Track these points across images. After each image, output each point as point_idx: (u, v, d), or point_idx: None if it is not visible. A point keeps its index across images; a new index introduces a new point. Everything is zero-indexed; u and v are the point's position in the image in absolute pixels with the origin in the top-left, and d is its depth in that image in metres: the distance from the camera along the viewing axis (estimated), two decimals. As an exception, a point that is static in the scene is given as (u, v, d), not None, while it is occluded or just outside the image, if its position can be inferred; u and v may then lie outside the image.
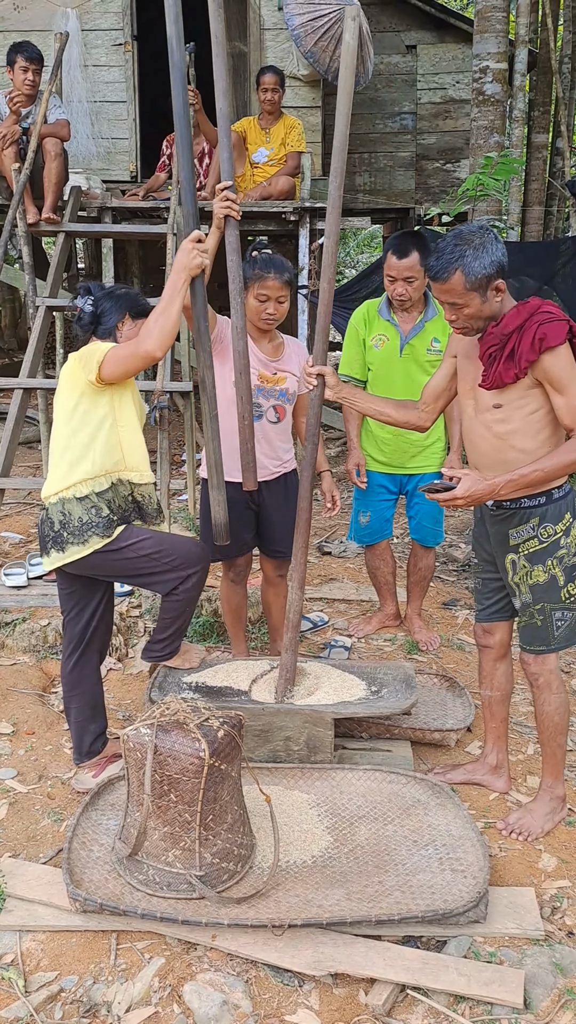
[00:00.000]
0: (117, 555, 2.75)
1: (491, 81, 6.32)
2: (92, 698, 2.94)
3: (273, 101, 6.27)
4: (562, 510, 2.62)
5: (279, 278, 3.18)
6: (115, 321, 2.82)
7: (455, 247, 2.43)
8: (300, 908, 2.35)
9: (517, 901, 2.43)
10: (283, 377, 3.37)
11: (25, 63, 5.46)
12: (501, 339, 2.48)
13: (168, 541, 2.83)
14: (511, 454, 2.57)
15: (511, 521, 2.67)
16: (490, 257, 2.41)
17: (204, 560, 2.90)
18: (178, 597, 2.88)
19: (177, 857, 2.39)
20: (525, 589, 2.68)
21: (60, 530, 2.74)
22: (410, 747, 3.13)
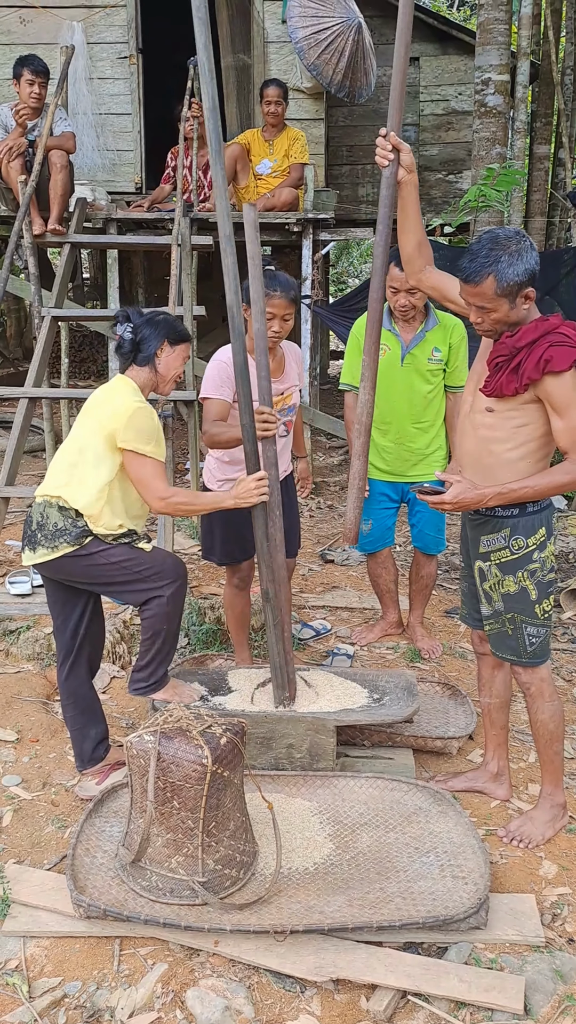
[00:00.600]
0: (87, 560, 2.74)
1: (493, 93, 6.37)
2: (87, 706, 2.96)
3: (276, 114, 6.32)
4: (535, 524, 2.63)
5: (285, 296, 3.21)
6: (154, 348, 2.86)
7: (490, 251, 2.39)
8: (302, 914, 2.36)
9: (518, 908, 2.45)
10: (290, 394, 3.42)
11: (31, 76, 5.52)
12: (511, 351, 2.48)
13: (141, 551, 2.79)
14: (489, 459, 2.59)
15: (484, 528, 2.69)
16: (524, 265, 2.39)
17: (179, 575, 2.80)
18: (151, 613, 2.78)
19: (180, 863, 2.40)
20: (497, 597, 2.70)
21: (36, 530, 2.77)
22: (412, 755, 3.14)
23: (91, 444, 2.77)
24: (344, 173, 9.14)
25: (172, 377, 2.92)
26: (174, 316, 3.00)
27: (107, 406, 2.79)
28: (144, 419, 2.76)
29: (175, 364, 2.90)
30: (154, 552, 2.81)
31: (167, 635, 2.84)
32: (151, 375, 2.88)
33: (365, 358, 2.88)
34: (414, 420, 3.81)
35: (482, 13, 6.40)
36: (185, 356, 2.93)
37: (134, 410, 2.74)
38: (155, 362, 2.87)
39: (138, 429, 2.73)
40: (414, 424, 3.81)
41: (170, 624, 2.83)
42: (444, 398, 3.84)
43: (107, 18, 7.15)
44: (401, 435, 3.80)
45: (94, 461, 2.77)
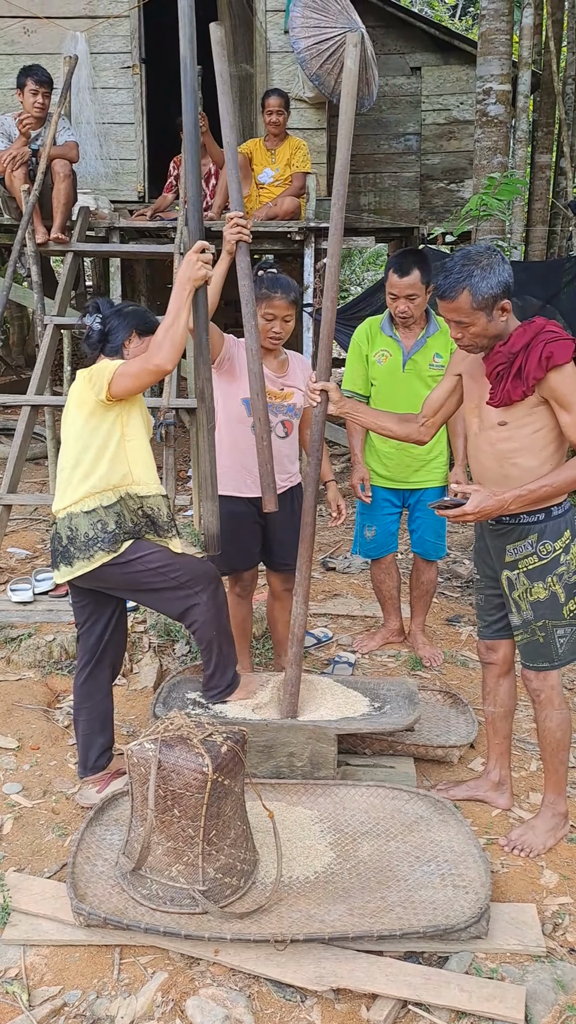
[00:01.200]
0: (125, 567, 2.76)
1: (495, 102, 6.39)
2: (101, 712, 2.96)
3: (278, 123, 6.35)
4: (561, 527, 2.64)
5: (285, 297, 3.23)
6: (122, 339, 2.85)
7: (463, 267, 2.47)
8: (302, 923, 2.36)
9: (519, 917, 2.44)
10: (290, 392, 3.42)
11: (35, 86, 5.55)
12: (508, 357, 2.52)
13: (177, 557, 2.82)
14: (514, 471, 2.61)
15: (509, 536, 2.69)
16: (497, 277, 2.46)
17: (213, 579, 2.86)
18: (197, 624, 2.83)
19: (180, 872, 2.40)
20: (526, 606, 2.70)
21: (68, 545, 2.76)
22: (413, 763, 3.14)
23: (82, 431, 2.77)
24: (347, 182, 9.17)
25: None
26: (144, 307, 2.98)
27: (72, 394, 2.81)
28: (96, 366, 2.76)
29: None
30: (187, 559, 2.84)
31: (220, 639, 2.90)
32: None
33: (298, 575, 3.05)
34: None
35: (483, 23, 6.43)
36: None
37: (86, 374, 2.75)
38: (123, 352, 2.85)
39: (98, 372, 2.71)
40: None
41: (219, 628, 2.88)
42: None
43: (110, 29, 7.19)
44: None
45: (95, 437, 2.75)
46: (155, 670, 3.76)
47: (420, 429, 2.94)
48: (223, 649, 2.92)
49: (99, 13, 7.18)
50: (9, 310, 11.00)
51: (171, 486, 4.37)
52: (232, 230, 2.93)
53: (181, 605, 2.82)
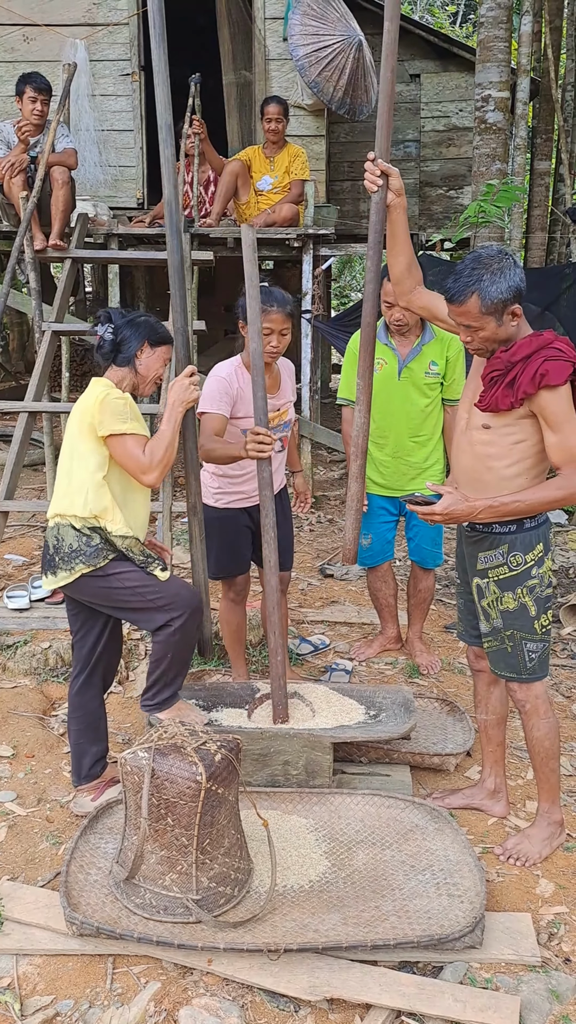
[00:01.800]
0: (103, 582, 2.74)
1: (493, 109, 6.40)
2: (93, 722, 2.95)
3: (277, 131, 6.36)
4: (533, 540, 2.63)
5: (282, 311, 3.23)
6: (135, 349, 2.86)
7: (473, 271, 2.44)
8: (296, 933, 2.35)
9: (514, 927, 2.43)
10: (285, 410, 3.44)
11: (34, 93, 5.56)
12: (506, 365, 2.50)
13: (156, 579, 2.77)
14: (487, 476, 2.59)
15: (481, 544, 2.69)
16: (507, 282, 2.43)
17: (191, 605, 2.77)
18: (160, 639, 2.77)
19: (174, 881, 2.39)
20: (495, 614, 2.69)
21: (53, 554, 2.78)
22: (409, 772, 3.13)
23: (78, 447, 2.78)
24: (346, 189, 9.19)
25: (152, 378, 2.90)
26: (156, 318, 3.00)
27: (81, 406, 2.80)
28: (114, 401, 2.75)
29: (155, 365, 2.89)
30: (169, 581, 2.79)
31: (172, 662, 2.82)
32: (131, 376, 2.88)
33: (359, 381, 2.89)
34: (412, 434, 3.81)
35: (482, 31, 6.44)
36: (166, 358, 2.92)
37: (104, 397, 2.75)
38: (135, 363, 2.87)
39: (112, 412, 2.73)
40: (412, 438, 3.81)
41: (176, 652, 2.80)
42: (442, 411, 3.85)
43: (110, 36, 7.21)
44: (399, 449, 3.81)
45: (85, 461, 2.77)
46: (151, 677, 3.75)
47: (411, 291, 2.86)
48: (171, 671, 2.84)
49: (99, 21, 7.20)
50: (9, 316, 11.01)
51: (168, 493, 4.36)
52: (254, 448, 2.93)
53: (155, 625, 2.76)
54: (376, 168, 2.70)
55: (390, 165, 2.71)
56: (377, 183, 2.71)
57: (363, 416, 2.94)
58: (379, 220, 2.76)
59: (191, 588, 2.84)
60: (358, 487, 2.99)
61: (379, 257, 2.83)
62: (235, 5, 7.47)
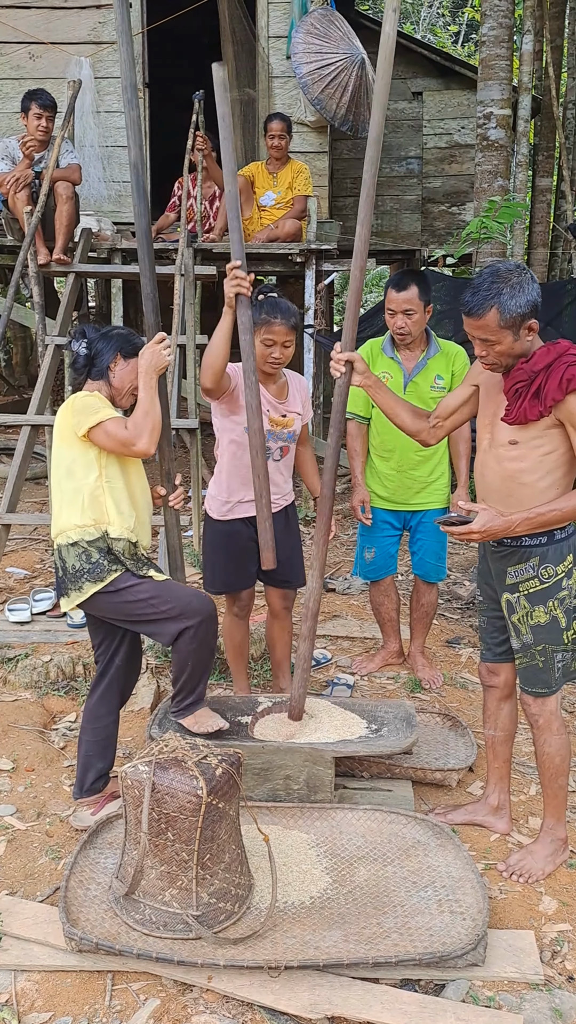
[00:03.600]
0: (116, 597, 2.75)
1: (495, 127, 6.44)
2: (105, 736, 2.95)
3: (280, 147, 6.41)
4: (564, 551, 2.63)
5: (285, 323, 3.23)
6: (107, 361, 2.88)
7: (492, 284, 2.44)
8: (297, 949, 2.33)
9: (516, 944, 2.41)
10: (291, 419, 3.43)
11: (39, 110, 5.61)
12: (529, 376, 2.50)
13: (168, 589, 2.78)
14: (520, 491, 2.59)
15: (511, 559, 2.68)
16: (526, 297, 2.43)
17: (204, 613, 2.77)
18: (178, 647, 2.79)
19: (174, 896, 2.37)
20: (526, 629, 2.68)
21: (63, 576, 2.80)
22: (411, 787, 3.11)
23: (63, 460, 2.80)
24: (348, 205, 9.24)
25: (128, 390, 2.90)
26: (130, 330, 3.01)
27: (58, 419, 2.82)
28: (83, 399, 2.78)
29: (130, 377, 2.89)
30: (180, 591, 2.79)
31: (193, 670, 2.84)
32: (106, 389, 2.89)
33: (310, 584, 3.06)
34: (417, 448, 3.80)
35: (484, 50, 6.49)
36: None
37: (71, 402, 2.78)
38: (109, 376, 2.88)
39: (83, 408, 2.75)
40: (417, 451, 3.81)
41: (196, 659, 2.82)
42: None
43: (114, 54, 7.25)
44: (403, 462, 3.80)
45: (73, 470, 2.78)
46: (152, 691, 3.74)
47: (430, 429, 2.91)
48: (192, 679, 2.85)
49: (104, 39, 7.26)
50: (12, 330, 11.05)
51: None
52: (231, 283, 2.93)
53: (169, 636, 2.77)
54: (340, 357, 2.85)
55: (352, 352, 2.87)
56: (340, 370, 2.88)
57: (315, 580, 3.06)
58: (341, 403, 2.93)
59: (202, 596, 2.84)
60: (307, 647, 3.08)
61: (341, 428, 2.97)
62: (239, 24, 7.53)
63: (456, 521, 2.55)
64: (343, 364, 2.86)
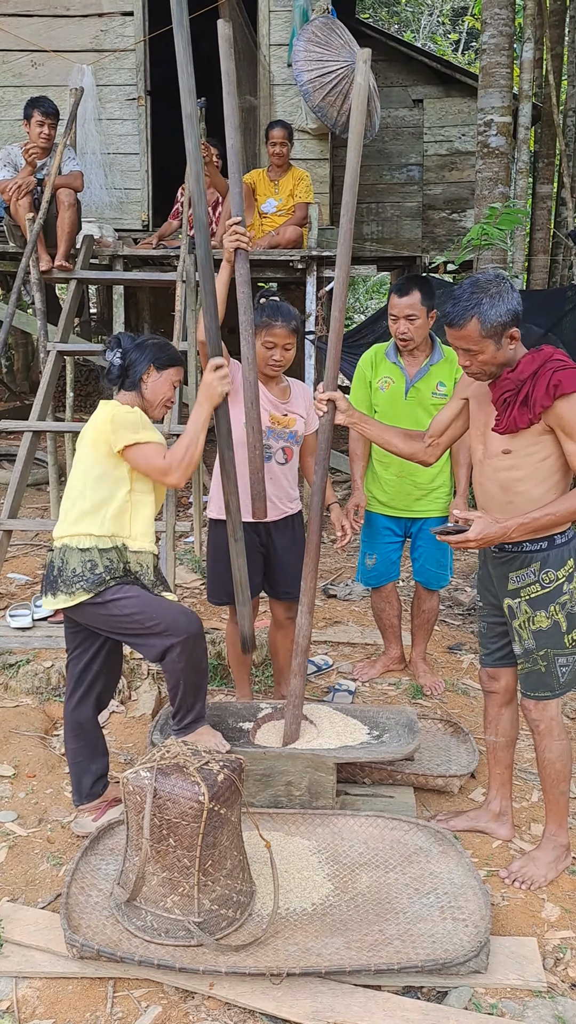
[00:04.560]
0: (101, 609, 2.72)
1: (495, 134, 6.46)
2: (90, 739, 2.93)
3: (281, 155, 6.42)
4: (564, 556, 2.63)
5: (286, 326, 3.24)
6: (141, 373, 2.84)
7: (472, 294, 2.47)
8: (299, 956, 2.32)
9: (519, 951, 2.40)
10: (293, 419, 3.42)
11: (41, 117, 5.62)
12: (516, 384, 2.51)
13: (154, 605, 2.73)
14: (518, 499, 2.60)
15: (512, 564, 2.68)
16: (506, 305, 2.46)
17: (190, 631, 2.70)
18: (168, 667, 2.74)
19: (175, 903, 2.37)
20: (527, 635, 2.68)
21: (56, 576, 2.76)
22: (413, 793, 3.10)
23: (92, 470, 2.77)
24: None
25: (160, 402, 2.88)
26: (165, 340, 2.99)
27: (92, 427, 2.80)
28: (125, 415, 2.74)
29: (162, 389, 2.87)
30: (169, 607, 2.75)
31: (187, 688, 2.78)
32: (138, 400, 2.86)
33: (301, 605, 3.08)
34: None
35: (484, 57, 6.51)
36: (174, 381, 2.90)
37: (114, 413, 2.74)
38: (141, 387, 2.85)
39: (124, 425, 2.72)
40: None
41: (186, 678, 2.76)
42: None
43: (116, 62, 7.30)
44: (404, 468, 3.79)
45: (101, 482, 2.76)
46: (154, 697, 3.74)
47: (426, 449, 2.94)
48: (188, 697, 2.80)
49: (105, 47, 7.30)
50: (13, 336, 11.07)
51: (171, 511, 4.36)
52: (230, 237, 2.95)
53: (156, 651, 2.73)
54: (323, 397, 2.90)
55: (334, 392, 2.92)
56: (323, 409, 2.92)
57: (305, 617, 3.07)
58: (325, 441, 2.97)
59: (190, 613, 2.79)
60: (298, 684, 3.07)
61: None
62: (240, 32, 7.57)
63: (452, 530, 2.57)
64: (325, 404, 2.89)
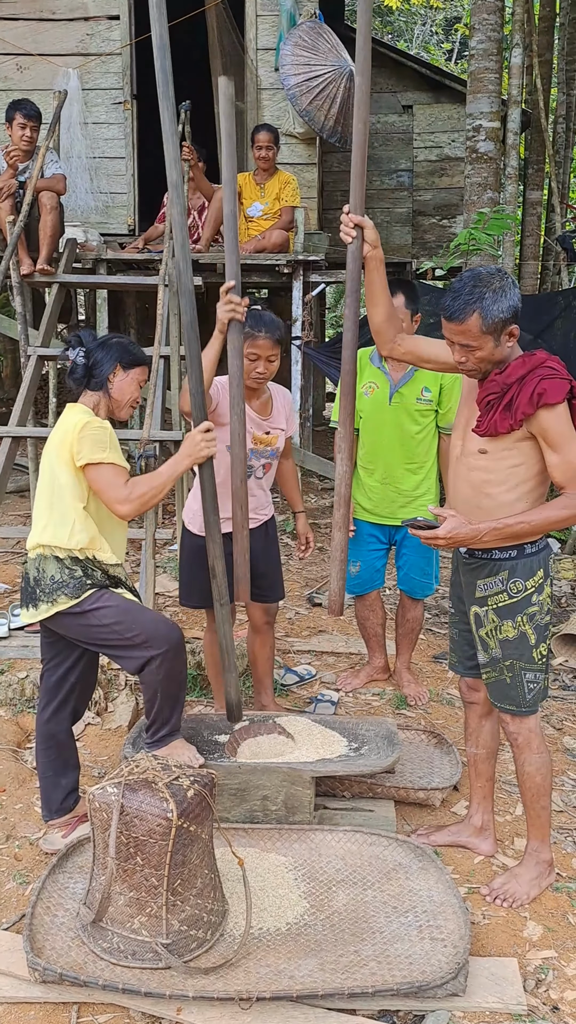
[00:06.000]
0: (80, 619, 2.66)
1: (484, 139, 6.41)
2: (61, 754, 2.84)
3: (267, 158, 6.38)
4: (534, 567, 2.56)
5: (270, 337, 3.17)
6: (107, 372, 2.77)
7: (474, 288, 2.38)
8: (271, 979, 2.24)
9: (499, 972, 2.32)
10: (275, 436, 3.37)
11: (23, 120, 5.57)
12: (501, 387, 2.44)
13: (133, 615, 2.67)
14: (487, 502, 2.53)
15: (480, 572, 2.61)
16: (508, 301, 2.38)
17: (170, 642, 2.65)
18: (145, 679, 2.68)
19: (143, 924, 2.28)
20: (494, 644, 2.61)
21: (34, 586, 2.69)
22: (393, 807, 3.02)
23: (59, 478, 2.70)
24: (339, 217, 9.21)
25: (128, 402, 2.81)
26: (129, 339, 2.92)
27: (60, 433, 2.72)
28: (94, 429, 2.67)
29: (129, 388, 2.80)
30: (148, 617, 2.69)
31: (164, 700, 2.72)
32: (105, 400, 2.79)
33: (340, 429, 2.89)
34: (402, 461, 3.73)
35: (473, 63, 6.47)
36: (141, 380, 2.83)
37: (83, 424, 2.66)
38: (108, 387, 2.78)
39: (91, 440, 2.64)
40: (402, 465, 3.74)
41: (164, 690, 2.69)
42: (435, 439, 3.77)
43: (103, 65, 7.24)
44: (388, 475, 3.72)
45: (67, 492, 2.69)
46: (131, 708, 3.65)
47: (391, 340, 2.81)
48: (164, 710, 2.74)
49: (92, 51, 7.24)
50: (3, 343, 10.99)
51: (151, 520, 4.28)
52: (225, 307, 2.85)
53: (136, 663, 2.66)
54: (350, 220, 2.71)
55: (364, 217, 2.72)
56: (351, 235, 2.72)
57: (344, 464, 2.89)
58: (355, 268, 2.76)
59: (170, 624, 2.72)
60: (341, 536, 2.93)
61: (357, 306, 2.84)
62: (228, 36, 7.52)
63: (423, 525, 2.48)
64: (353, 228, 2.68)
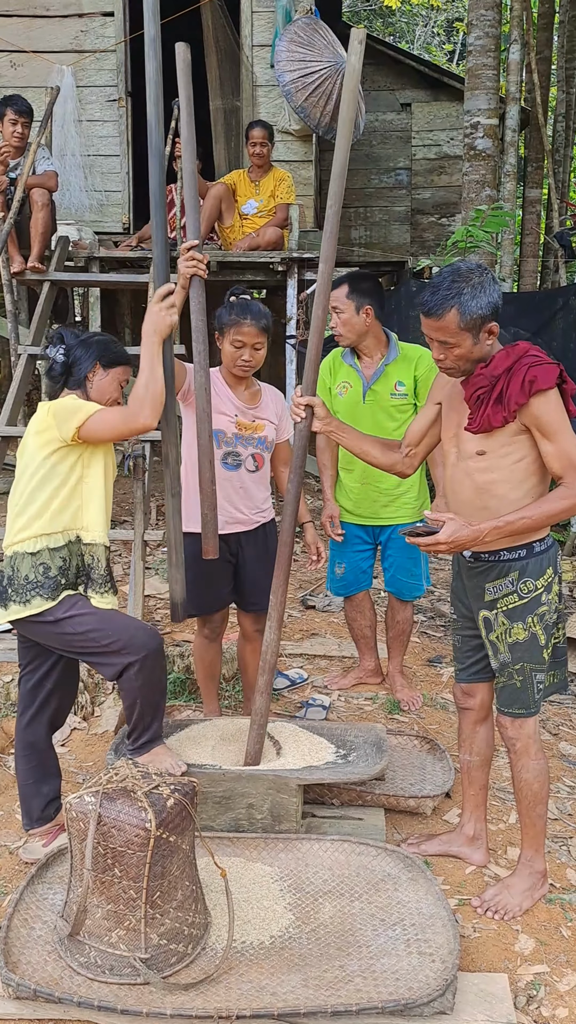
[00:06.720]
0: (55, 627, 2.57)
1: (482, 136, 6.36)
2: (42, 762, 2.77)
3: (262, 155, 6.32)
4: (543, 565, 2.49)
5: (256, 324, 3.10)
6: (86, 370, 2.70)
7: (452, 283, 2.32)
8: (252, 996, 2.17)
9: (488, 989, 2.24)
10: (262, 424, 3.28)
11: (14, 116, 5.51)
12: (490, 381, 2.37)
13: (111, 621, 2.59)
14: (493, 503, 2.45)
15: (488, 574, 2.53)
16: (487, 298, 2.32)
17: (148, 648, 2.57)
18: (124, 685, 2.60)
19: (121, 938, 2.21)
20: (503, 648, 2.54)
21: (6, 586, 2.60)
22: (383, 815, 2.94)
23: (40, 470, 2.61)
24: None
25: (107, 402, 2.72)
26: (112, 337, 2.85)
27: (33, 431, 2.64)
28: (63, 402, 2.60)
29: (109, 388, 2.72)
30: (125, 623, 2.62)
31: (144, 707, 2.64)
32: (83, 399, 2.70)
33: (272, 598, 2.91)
34: None
35: (471, 59, 6.42)
36: (121, 380, 2.75)
37: (50, 407, 2.60)
38: (86, 386, 2.70)
39: (65, 410, 2.57)
40: None
41: (144, 697, 2.62)
42: None
43: (97, 62, 7.19)
44: (367, 475, 3.63)
45: (51, 478, 2.60)
46: (118, 713, 3.58)
47: (404, 460, 2.77)
48: (145, 716, 2.66)
49: (86, 47, 7.19)
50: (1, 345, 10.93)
51: (140, 520, 4.21)
52: (187, 263, 2.81)
53: (113, 670, 2.58)
54: (301, 401, 2.72)
55: (313, 397, 2.74)
56: (300, 415, 2.74)
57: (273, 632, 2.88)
58: (302, 446, 2.80)
59: (149, 629, 2.65)
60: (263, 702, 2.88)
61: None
62: (223, 32, 7.46)
63: (422, 532, 2.39)
64: (303, 409, 2.72)
